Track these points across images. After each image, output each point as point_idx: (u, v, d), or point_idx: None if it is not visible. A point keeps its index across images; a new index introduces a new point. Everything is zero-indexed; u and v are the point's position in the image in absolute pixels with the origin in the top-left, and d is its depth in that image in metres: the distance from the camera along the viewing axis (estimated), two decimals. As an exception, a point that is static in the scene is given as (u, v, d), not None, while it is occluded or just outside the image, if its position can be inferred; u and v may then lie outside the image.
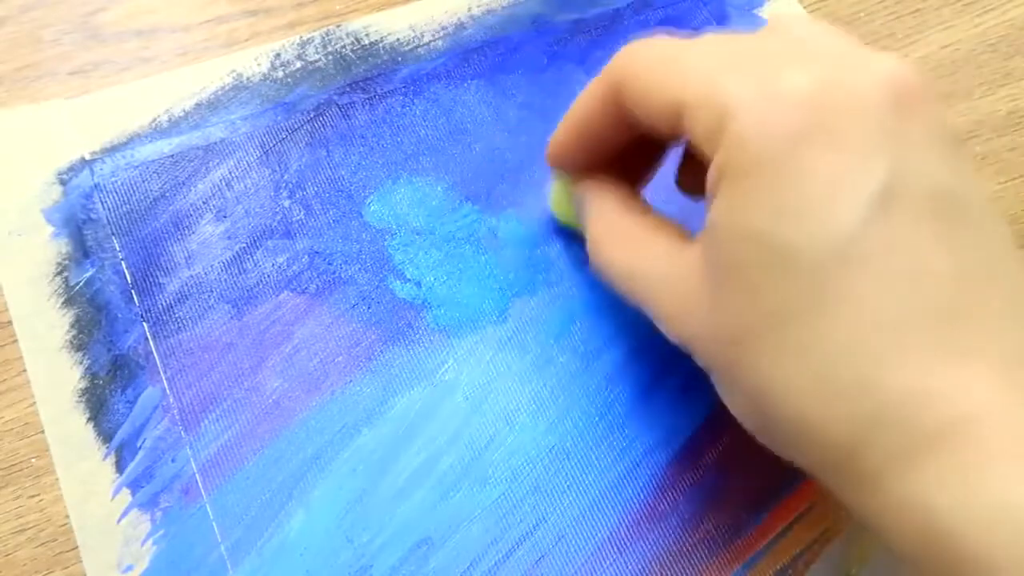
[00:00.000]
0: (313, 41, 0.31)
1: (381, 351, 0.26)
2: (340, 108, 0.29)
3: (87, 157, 0.28)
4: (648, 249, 0.22)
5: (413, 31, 0.31)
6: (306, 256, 0.27)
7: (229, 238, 0.27)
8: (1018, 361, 0.17)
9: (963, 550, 0.16)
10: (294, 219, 0.28)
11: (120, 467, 0.24)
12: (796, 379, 0.18)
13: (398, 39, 0.31)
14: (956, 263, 0.17)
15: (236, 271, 0.27)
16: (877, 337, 0.17)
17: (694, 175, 0.24)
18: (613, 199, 0.24)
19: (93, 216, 0.27)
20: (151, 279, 0.26)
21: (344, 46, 0.31)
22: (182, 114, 0.29)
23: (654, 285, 0.22)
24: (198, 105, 0.29)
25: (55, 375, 0.25)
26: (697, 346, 0.21)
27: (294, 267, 0.27)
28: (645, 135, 0.22)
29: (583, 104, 0.23)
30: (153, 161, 0.28)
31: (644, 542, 0.24)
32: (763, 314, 0.18)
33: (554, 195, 0.27)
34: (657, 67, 0.20)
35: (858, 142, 0.17)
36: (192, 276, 0.26)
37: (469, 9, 0.32)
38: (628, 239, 0.23)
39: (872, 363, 0.17)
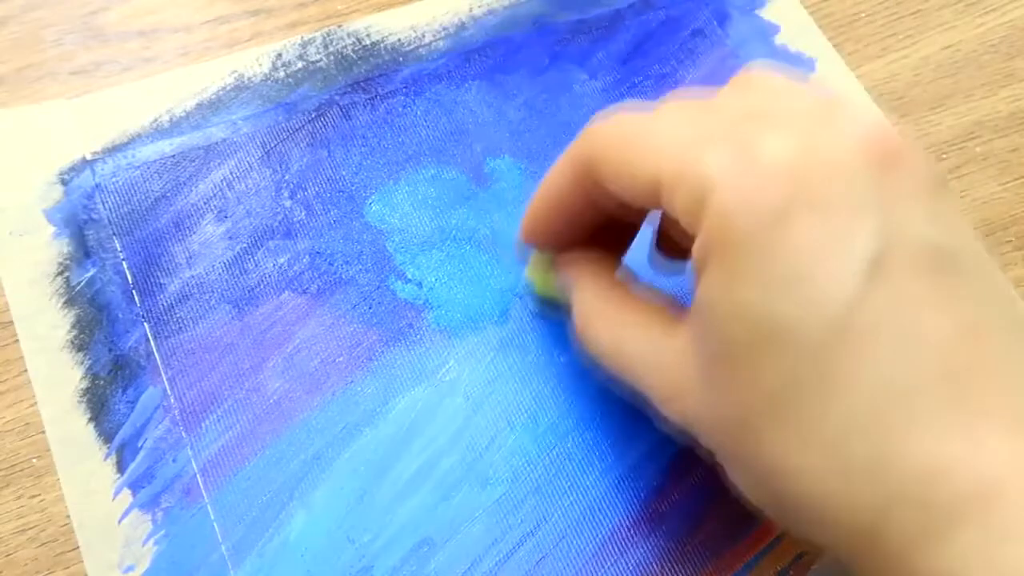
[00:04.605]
0: (314, 41, 0.31)
1: (382, 351, 0.26)
2: (341, 108, 0.29)
3: (88, 157, 0.28)
4: (637, 330, 0.21)
5: (414, 31, 0.31)
6: (307, 256, 0.27)
7: (230, 238, 0.27)
8: None
9: None
10: (295, 219, 0.28)
11: (121, 467, 0.24)
12: (808, 459, 0.17)
13: (399, 39, 0.31)
14: (956, 320, 0.17)
15: (237, 271, 0.27)
16: (887, 410, 0.16)
17: (672, 240, 0.23)
18: (597, 276, 0.23)
19: (94, 216, 0.27)
20: (152, 279, 0.26)
21: (345, 46, 0.31)
22: (183, 114, 0.29)
23: (647, 368, 0.21)
24: (199, 105, 0.29)
25: (56, 375, 0.25)
26: (699, 429, 0.20)
27: (295, 267, 0.27)
28: (623, 208, 0.21)
29: (554, 183, 0.22)
30: (154, 161, 0.28)
31: (645, 543, 0.24)
32: (764, 395, 0.17)
33: (532, 266, 0.26)
34: (629, 144, 0.20)
35: (843, 207, 0.17)
36: (193, 276, 0.26)
37: (470, 9, 0.32)
38: (616, 319, 0.22)
39: (885, 438, 0.16)
